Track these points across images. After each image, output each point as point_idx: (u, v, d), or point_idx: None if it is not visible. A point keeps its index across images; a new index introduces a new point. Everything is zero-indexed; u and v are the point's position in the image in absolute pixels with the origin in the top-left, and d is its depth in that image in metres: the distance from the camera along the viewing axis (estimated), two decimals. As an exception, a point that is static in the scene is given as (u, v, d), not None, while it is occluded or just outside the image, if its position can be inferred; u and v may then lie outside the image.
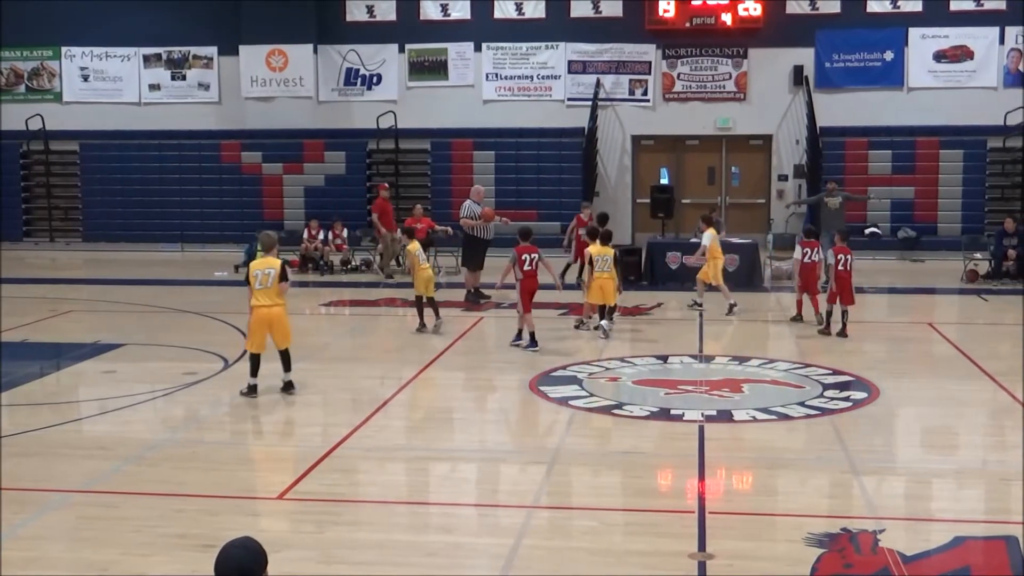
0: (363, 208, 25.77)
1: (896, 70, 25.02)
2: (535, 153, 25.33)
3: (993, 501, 8.22)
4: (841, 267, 14.43)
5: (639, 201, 25.36)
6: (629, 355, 13.42)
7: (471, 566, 6.78)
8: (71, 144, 27.07)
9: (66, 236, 27.06)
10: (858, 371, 12.24)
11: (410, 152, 26.10)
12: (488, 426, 10.70)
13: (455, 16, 26.11)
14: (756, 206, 25.91)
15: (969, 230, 23.20)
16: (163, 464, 8.86)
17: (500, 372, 12.80)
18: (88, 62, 27.44)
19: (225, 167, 26.30)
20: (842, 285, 14.44)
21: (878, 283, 19.86)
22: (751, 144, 25.92)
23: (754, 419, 10.19)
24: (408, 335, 15.10)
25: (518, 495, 8.29)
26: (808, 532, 7.11)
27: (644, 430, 9.95)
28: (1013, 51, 24.63)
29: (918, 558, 6.76)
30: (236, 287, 20.05)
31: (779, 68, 25.18)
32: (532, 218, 24.39)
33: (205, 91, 27.20)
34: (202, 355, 13.26)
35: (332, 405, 11.43)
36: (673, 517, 7.63)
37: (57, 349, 14.08)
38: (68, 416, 10.70)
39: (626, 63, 25.67)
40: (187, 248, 25.94)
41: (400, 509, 8.03)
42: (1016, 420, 10.29)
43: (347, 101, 26.61)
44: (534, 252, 14.10)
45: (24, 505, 7.80)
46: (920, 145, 24.57)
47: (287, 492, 8.11)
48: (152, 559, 6.81)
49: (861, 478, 8.44)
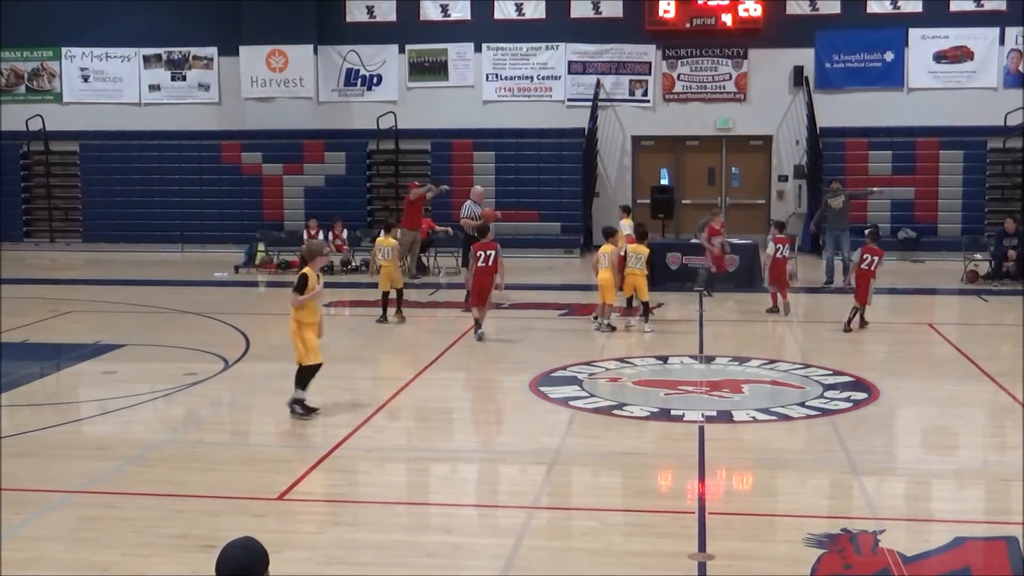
0: (363, 209, 25.80)
1: (896, 71, 25.04)
2: (535, 154, 25.34)
3: (993, 501, 8.21)
4: (864, 266, 14.80)
5: (639, 202, 25.34)
6: (629, 355, 13.43)
7: (471, 567, 6.78)
8: (71, 145, 27.09)
9: (66, 237, 27.07)
10: (858, 372, 12.24)
11: (410, 153, 26.12)
12: (488, 427, 10.70)
13: (455, 17, 26.13)
14: (756, 207, 25.93)
15: (969, 231, 23.21)
16: (163, 464, 8.86)
17: (500, 372, 12.80)
18: (88, 63, 27.47)
19: (225, 167, 26.32)
20: (860, 282, 14.83)
21: (878, 284, 19.80)
22: (751, 145, 25.94)
23: (754, 420, 10.19)
24: (407, 336, 15.10)
25: (518, 496, 8.29)
26: (808, 532, 7.11)
27: (644, 431, 9.95)
28: (1013, 52, 24.65)
29: (918, 558, 6.76)
30: (236, 288, 20.15)
31: (779, 69, 25.20)
32: (533, 219, 24.49)
33: (205, 92, 27.23)
34: (202, 355, 13.25)
35: (332, 406, 11.42)
36: (673, 518, 7.63)
37: (57, 350, 14.07)
38: (68, 416, 10.70)
39: (626, 64, 25.69)
40: (187, 248, 25.94)
41: (400, 510, 8.03)
42: (1016, 420, 10.29)
43: (347, 102, 26.64)
44: (491, 249, 14.43)
45: (24, 505, 7.80)
46: (920, 146, 24.59)
47: (287, 493, 8.10)
48: (152, 560, 6.81)
49: (861, 478, 8.44)
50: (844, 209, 19.81)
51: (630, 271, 15.00)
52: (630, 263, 15.00)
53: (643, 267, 14.94)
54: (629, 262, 15.02)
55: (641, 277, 14.96)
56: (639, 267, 14.92)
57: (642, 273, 14.95)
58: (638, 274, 14.94)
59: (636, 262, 14.94)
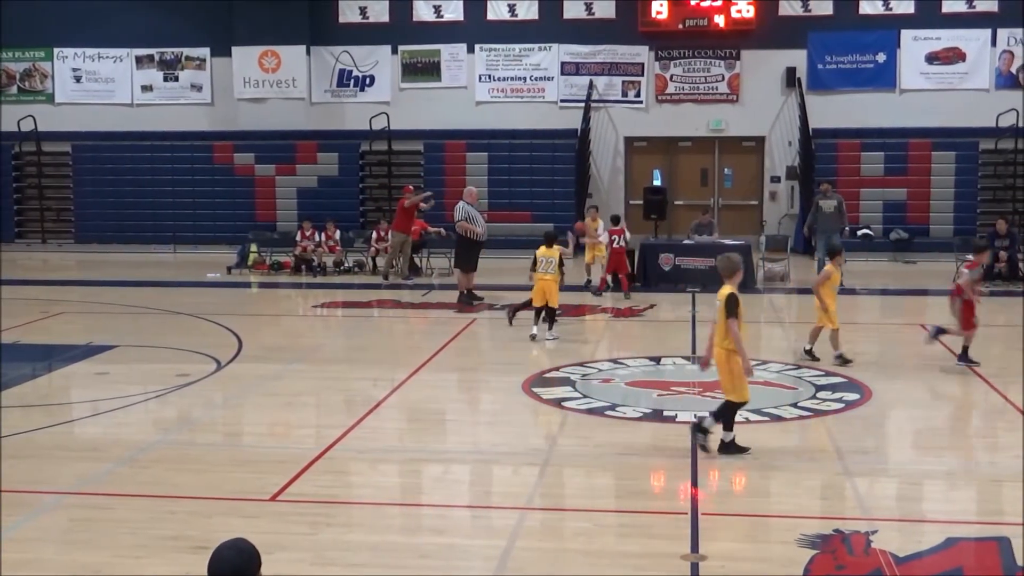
0: (356, 209, 25.78)
1: (888, 72, 25.09)
2: (528, 155, 25.36)
3: (985, 502, 8.23)
4: None
5: (632, 203, 25.39)
6: (622, 356, 13.43)
7: (464, 568, 6.78)
8: (63, 145, 27.06)
9: (58, 237, 27.03)
10: (850, 372, 12.25)
11: (403, 154, 26.12)
12: (481, 428, 10.70)
13: (448, 17, 26.13)
14: (749, 208, 25.96)
15: (961, 232, 23.24)
16: (156, 466, 8.85)
17: (493, 374, 12.81)
18: (80, 63, 27.42)
19: (218, 168, 26.30)
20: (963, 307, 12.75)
21: (870, 284, 19.91)
22: (744, 146, 25.97)
23: (747, 420, 10.18)
24: (400, 337, 15.09)
25: (511, 497, 8.29)
26: (801, 533, 7.12)
27: (637, 432, 9.96)
28: (1005, 53, 24.70)
29: (910, 559, 6.77)
30: (229, 288, 20.12)
31: (772, 70, 25.24)
32: (526, 219, 24.48)
33: (198, 92, 27.20)
34: (195, 356, 13.23)
35: (325, 406, 11.42)
36: (666, 518, 7.64)
37: (49, 351, 14.04)
38: (60, 418, 10.68)
39: (619, 64, 25.71)
40: (180, 249, 25.92)
41: (393, 511, 8.03)
42: (1007, 421, 10.31)
43: (340, 102, 26.63)
44: None
45: (16, 507, 7.78)
46: (912, 147, 24.64)
47: (280, 494, 8.10)
48: (145, 561, 6.80)
49: (854, 479, 8.46)
50: (836, 213, 19.83)
51: (540, 276, 14.33)
52: (540, 268, 14.35)
53: (555, 271, 14.28)
54: (540, 267, 14.36)
55: (552, 283, 14.27)
56: (550, 272, 14.28)
57: (553, 278, 14.27)
58: (548, 279, 14.26)
59: (547, 266, 14.32)
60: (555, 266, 14.37)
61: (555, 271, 14.36)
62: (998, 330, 15.68)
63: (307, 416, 10.93)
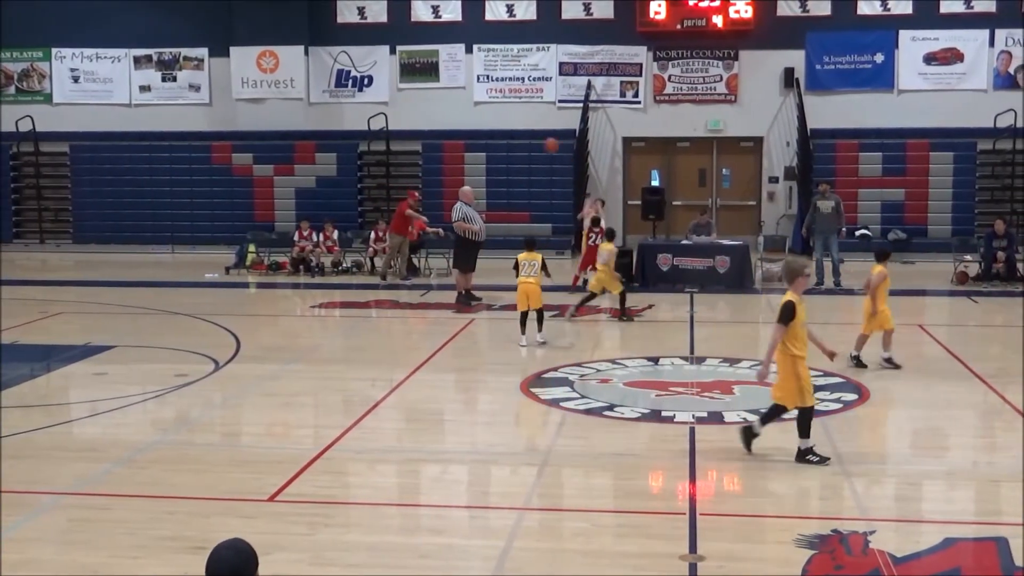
0: (354, 210, 25.77)
1: (886, 72, 25.09)
2: (526, 155, 25.32)
3: (983, 502, 8.24)
4: None
5: (630, 203, 25.39)
6: (620, 357, 13.44)
7: (463, 568, 6.78)
8: (61, 145, 27.03)
9: (56, 238, 27.00)
10: (848, 373, 12.26)
11: (401, 154, 26.10)
12: (479, 428, 10.70)
13: (446, 18, 26.12)
14: (747, 208, 25.97)
15: (959, 232, 23.24)
16: (154, 466, 8.85)
17: (491, 374, 12.81)
18: (78, 63, 27.40)
19: (216, 168, 26.28)
20: None
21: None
22: (742, 146, 25.98)
23: (745, 421, 10.18)
24: (401, 337, 15.09)
25: (509, 497, 8.29)
26: (799, 533, 7.12)
27: (635, 432, 9.96)
28: (1003, 53, 24.71)
29: (908, 559, 6.78)
30: (227, 289, 20.11)
31: (770, 70, 25.24)
32: (524, 220, 24.47)
33: (196, 92, 27.17)
34: (193, 357, 13.23)
35: (323, 407, 11.43)
36: (664, 519, 7.64)
37: (47, 351, 14.04)
38: (59, 418, 10.67)
39: (617, 65, 25.70)
40: (178, 250, 25.90)
41: (391, 511, 8.03)
42: (1005, 421, 10.33)
43: (338, 103, 26.61)
44: None
45: (15, 507, 7.78)
46: (910, 147, 24.64)
47: (278, 494, 8.09)
48: (143, 561, 6.80)
49: (852, 479, 8.46)
50: (834, 214, 19.81)
51: (522, 280, 14.19)
52: (523, 271, 14.21)
53: (538, 275, 14.21)
54: (522, 271, 14.22)
55: (535, 286, 14.14)
56: (533, 275, 14.17)
57: (536, 281, 14.15)
58: (531, 283, 14.13)
59: (530, 270, 14.20)
60: (538, 269, 14.31)
61: (538, 274, 14.30)
62: (996, 330, 15.71)
63: (305, 416, 10.93)
